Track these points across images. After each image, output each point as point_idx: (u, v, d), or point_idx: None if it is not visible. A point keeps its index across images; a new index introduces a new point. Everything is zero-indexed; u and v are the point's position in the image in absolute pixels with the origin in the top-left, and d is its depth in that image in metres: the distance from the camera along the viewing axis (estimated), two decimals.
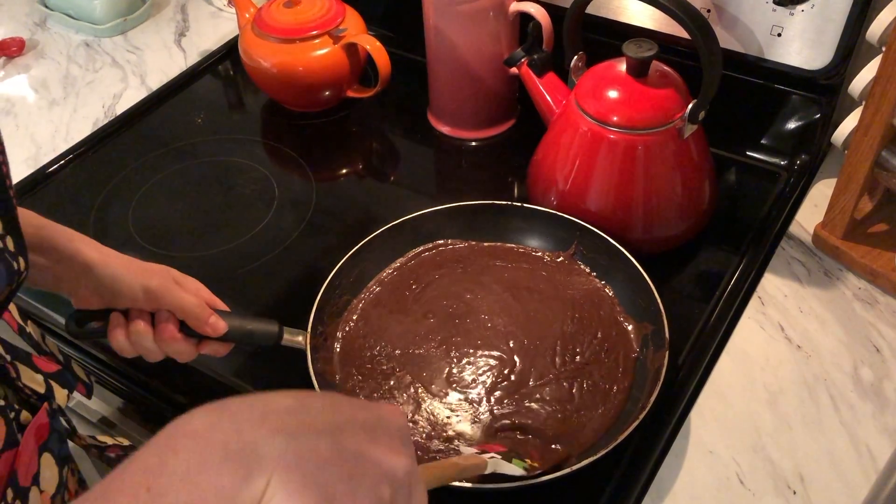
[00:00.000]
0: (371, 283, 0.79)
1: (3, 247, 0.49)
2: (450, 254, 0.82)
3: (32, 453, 0.54)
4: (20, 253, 0.50)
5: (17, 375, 0.57)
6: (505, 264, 0.80)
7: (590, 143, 0.78)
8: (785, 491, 0.65)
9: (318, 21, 0.98)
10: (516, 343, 0.73)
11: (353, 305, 0.78)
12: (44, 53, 1.21)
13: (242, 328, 0.65)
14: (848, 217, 0.79)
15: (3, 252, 0.48)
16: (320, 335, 0.72)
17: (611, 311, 0.75)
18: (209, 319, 0.63)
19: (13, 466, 0.52)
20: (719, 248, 0.85)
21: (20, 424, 0.54)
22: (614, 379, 0.70)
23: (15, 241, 0.50)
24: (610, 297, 0.76)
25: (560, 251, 0.80)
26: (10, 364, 0.57)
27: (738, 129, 0.94)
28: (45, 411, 0.56)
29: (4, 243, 0.49)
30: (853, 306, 0.78)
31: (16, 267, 0.49)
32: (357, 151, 1.03)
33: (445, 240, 0.83)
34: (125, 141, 1.04)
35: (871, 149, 0.74)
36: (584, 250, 0.79)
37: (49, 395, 0.59)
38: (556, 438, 0.66)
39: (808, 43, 0.83)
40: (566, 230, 0.79)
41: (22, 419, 0.54)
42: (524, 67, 0.87)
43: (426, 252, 0.82)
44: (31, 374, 0.58)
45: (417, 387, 0.70)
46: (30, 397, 0.58)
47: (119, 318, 0.63)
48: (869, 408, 0.70)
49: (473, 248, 0.82)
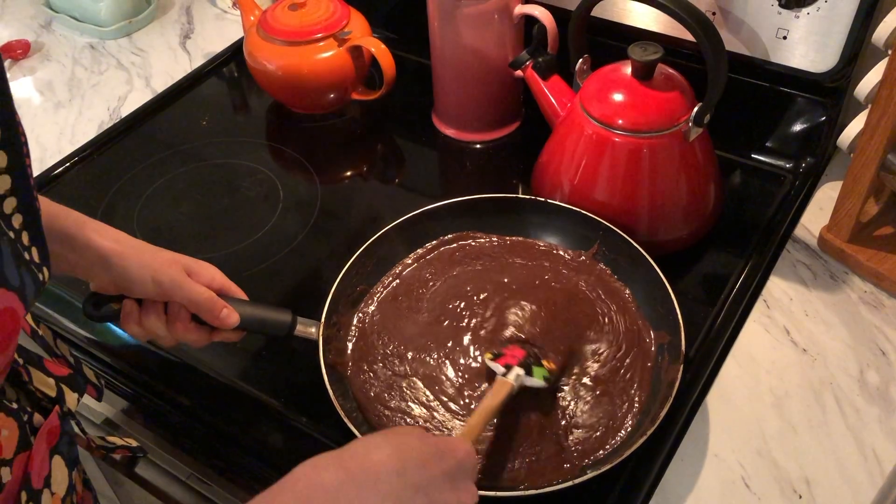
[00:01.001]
0: (388, 275, 0.79)
1: (30, 258, 0.49)
2: (470, 248, 0.81)
3: (44, 456, 0.54)
4: (44, 263, 0.51)
5: (29, 379, 0.57)
6: (525, 262, 0.80)
7: (595, 145, 0.78)
8: (791, 495, 0.64)
9: (323, 24, 0.98)
10: None
11: (369, 296, 0.77)
12: (49, 56, 1.21)
13: (255, 317, 0.65)
14: (853, 220, 0.79)
15: (29, 264, 0.48)
16: (334, 325, 0.72)
17: (630, 317, 0.74)
18: (220, 314, 0.64)
19: (27, 469, 0.52)
20: (724, 251, 0.84)
21: (32, 427, 0.55)
22: (629, 391, 0.69)
23: (40, 251, 0.51)
24: (630, 301, 0.75)
25: (581, 250, 0.80)
26: (22, 367, 0.57)
27: (744, 132, 0.94)
28: (56, 414, 0.57)
29: (31, 255, 0.49)
30: (859, 309, 0.78)
31: (41, 278, 0.50)
32: (362, 154, 1.03)
33: (466, 231, 0.82)
34: (130, 143, 1.04)
35: (877, 152, 0.74)
36: (605, 251, 0.78)
37: (60, 399, 0.59)
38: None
39: (813, 46, 0.83)
40: (589, 229, 0.79)
41: (34, 422, 0.55)
42: (529, 70, 0.87)
43: (445, 245, 0.82)
44: (42, 378, 0.59)
45: (429, 396, 0.70)
46: (41, 400, 0.58)
47: (132, 305, 0.64)
48: (875, 412, 0.70)
49: (494, 242, 0.82)
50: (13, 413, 0.53)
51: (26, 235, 0.50)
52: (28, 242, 0.50)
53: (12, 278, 0.46)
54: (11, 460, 0.51)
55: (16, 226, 0.49)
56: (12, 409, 0.53)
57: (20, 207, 0.50)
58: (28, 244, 0.50)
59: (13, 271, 0.46)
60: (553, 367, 0.69)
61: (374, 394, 0.70)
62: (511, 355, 0.68)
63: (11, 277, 0.46)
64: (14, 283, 0.46)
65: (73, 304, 0.82)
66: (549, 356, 0.70)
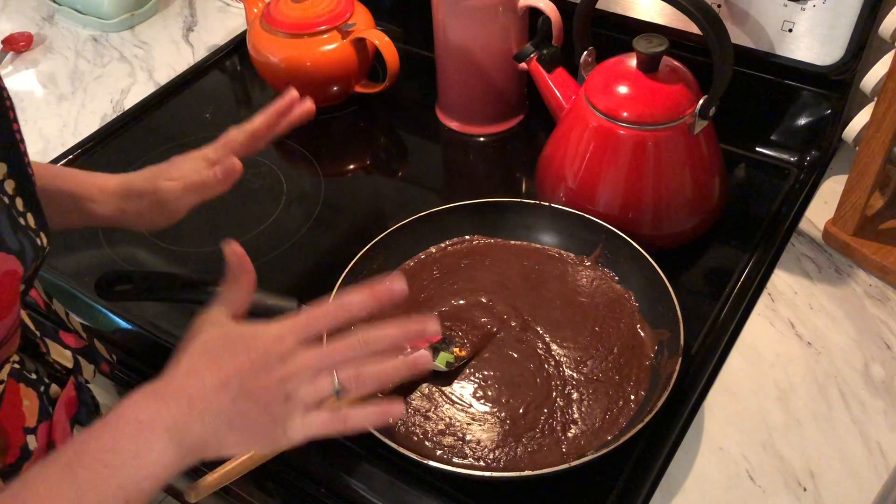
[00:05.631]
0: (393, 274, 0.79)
1: (26, 224, 0.50)
2: (474, 250, 0.82)
3: (65, 425, 0.57)
4: (41, 229, 0.52)
5: (46, 350, 0.59)
6: (528, 265, 0.80)
7: (599, 138, 0.78)
8: (795, 488, 0.64)
9: (327, 16, 0.98)
10: (534, 354, 0.72)
11: None
12: (52, 48, 1.21)
13: (261, 303, 0.65)
14: (859, 213, 0.79)
15: (26, 230, 0.49)
16: None
17: (631, 320, 0.74)
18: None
19: (50, 437, 0.54)
20: (729, 245, 0.84)
21: (50, 398, 0.57)
22: (627, 387, 0.69)
23: (35, 217, 0.51)
24: (632, 304, 0.75)
25: (584, 254, 0.80)
26: (40, 340, 0.58)
27: (749, 125, 0.94)
28: (72, 384, 0.58)
29: (26, 221, 0.50)
30: (864, 303, 0.78)
31: (39, 243, 0.51)
32: (365, 147, 1.03)
33: (471, 235, 0.83)
34: (133, 136, 1.04)
35: (882, 145, 0.73)
36: (608, 254, 0.78)
37: (77, 370, 0.60)
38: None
39: (819, 38, 0.82)
40: (591, 232, 0.79)
41: (51, 393, 0.56)
42: (534, 63, 0.87)
43: (449, 247, 0.82)
44: (59, 350, 0.60)
45: (432, 387, 0.70)
46: (58, 372, 0.59)
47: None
48: (880, 405, 0.69)
49: (500, 245, 0.82)
50: (32, 383, 0.55)
51: (20, 201, 0.51)
52: (23, 208, 0.50)
53: (11, 242, 0.47)
54: (35, 428, 0.54)
55: (9, 191, 0.50)
56: (31, 379, 0.55)
57: (11, 173, 0.50)
58: (23, 210, 0.50)
59: (11, 235, 0.47)
60: (462, 353, 0.71)
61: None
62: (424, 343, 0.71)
63: (10, 241, 0.47)
64: (13, 246, 0.47)
65: (78, 297, 0.82)
66: (465, 345, 0.72)
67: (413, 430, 0.67)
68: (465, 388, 0.70)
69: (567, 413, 0.67)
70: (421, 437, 0.67)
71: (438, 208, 0.81)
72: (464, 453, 0.65)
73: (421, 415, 0.68)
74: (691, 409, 0.70)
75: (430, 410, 0.68)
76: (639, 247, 0.75)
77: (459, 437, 0.66)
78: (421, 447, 0.66)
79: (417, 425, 0.67)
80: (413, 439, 0.66)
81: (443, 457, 0.65)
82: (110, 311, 0.81)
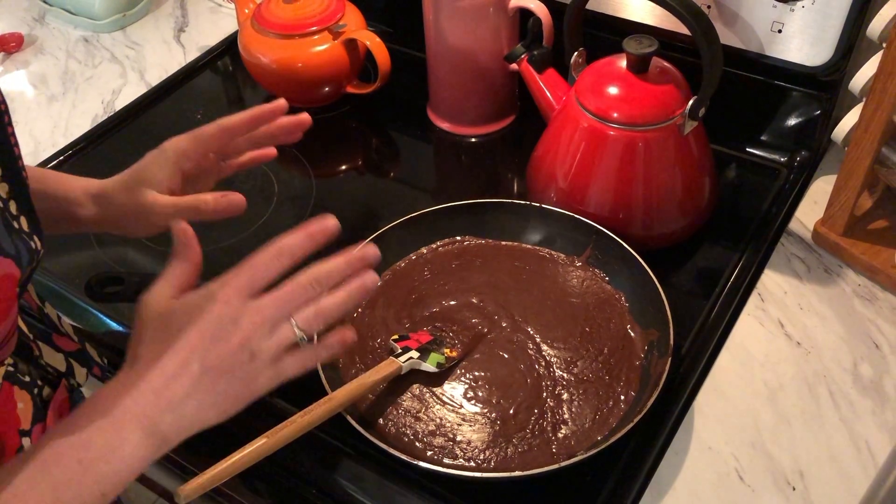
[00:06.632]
0: (383, 275, 0.79)
1: (19, 227, 0.50)
2: (464, 251, 0.82)
3: None
4: (35, 232, 0.51)
5: (39, 354, 0.59)
6: (519, 265, 0.80)
7: (590, 139, 0.78)
8: (784, 487, 0.65)
9: (318, 17, 0.98)
10: (525, 354, 0.72)
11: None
12: (42, 49, 1.20)
13: None
14: (848, 214, 0.79)
15: (19, 233, 0.49)
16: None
17: (621, 320, 0.74)
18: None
19: None
20: (719, 245, 0.85)
21: (43, 401, 0.57)
22: (617, 388, 0.69)
23: (29, 221, 0.51)
24: (622, 305, 0.76)
25: (575, 255, 0.80)
26: (33, 343, 0.58)
27: (739, 126, 0.94)
28: (64, 387, 0.58)
29: (20, 224, 0.50)
30: (853, 303, 0.78)
31: (34, 246, 0.51)
32: (357, 147, 1.03)
33: (462, 236, 0.83)
34: (124, 136, 1.03)
35: (871, 145, 0.74)
36: (598, 254, 0.79)
37: (70, 373, 0.60)
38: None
39: (808, 39, 0.83)
40: (581, 233, 0.79)
41: (44, 395, 0.57)
42: (524, 63, 0.87)
43: (440, 248, 0.82)
44: (52, 353, 0.60)
45: (423, 388, 0.70)
46: (50, 375, 0.59)
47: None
48: (868, 404, 0.70)
49: (490, 246, 0.82)
50: (26, 386, 0.55)
51: (14, 205, 0.50)
52: (16, 212, 0.50)
53: (7, 246, 0.47)
54: (30, 431, 0.54)
55: (3, 195, 0.50)
56: (25, 382, 0.55)
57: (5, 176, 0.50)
58: (16, 213, 0.50)
59: (7, 239, 0.47)
60: (453, 354, 0.71)
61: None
62: (415, 339, 0.72)
63: (6, 245, 0.47)
64: (10, 250, 0.47)
65: (70, 299, 0.82)
66: (455, 346, 0.72)
67: (404, 431, 0.67)
68: (456, 389, 0.70)
69: (557, 413, 0.68)
70: (411, 437, 0.67)
71: (430, 209, 0.81)
72: (454, 454, 0.65)
73: (411, 415, 0.68)
74: (681, 409, 0.70)
75: (420, 411, 0.69)
76: (629, 247, 0.75)
77: (450, 437, 0.67)
78: (411, 448, 0.66)
79: (408, 426, 0.67)
80: (403, 440, 0.67)
81: (433, 457, 0.65)
82: (101, 313, 0.80)
